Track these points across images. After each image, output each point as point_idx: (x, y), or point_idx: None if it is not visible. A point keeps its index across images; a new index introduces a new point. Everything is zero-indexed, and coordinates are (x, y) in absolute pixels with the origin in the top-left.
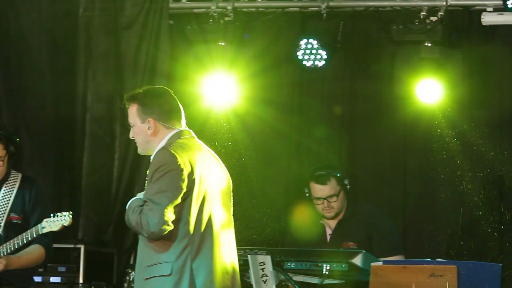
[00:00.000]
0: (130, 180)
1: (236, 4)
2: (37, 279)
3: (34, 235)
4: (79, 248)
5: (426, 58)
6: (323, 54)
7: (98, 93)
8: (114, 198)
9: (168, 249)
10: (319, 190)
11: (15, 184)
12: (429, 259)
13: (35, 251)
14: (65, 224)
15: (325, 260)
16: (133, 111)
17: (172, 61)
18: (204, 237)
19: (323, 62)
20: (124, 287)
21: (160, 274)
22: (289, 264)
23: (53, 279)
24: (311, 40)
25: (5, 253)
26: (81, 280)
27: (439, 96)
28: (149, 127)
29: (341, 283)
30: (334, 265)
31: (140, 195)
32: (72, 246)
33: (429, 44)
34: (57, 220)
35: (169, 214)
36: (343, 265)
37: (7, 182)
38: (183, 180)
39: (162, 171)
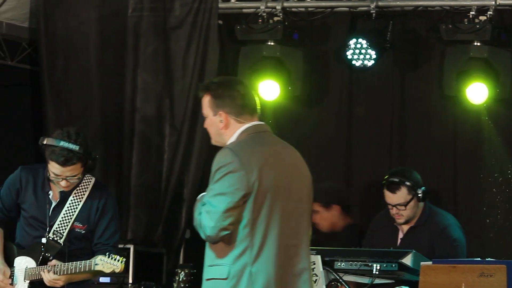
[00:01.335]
0: (179, 180)
1: (285, 4)
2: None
3: (87, 270)
4: (129, 249)
5: (475, 57)
6: (373, 53)
7: (147, 93)
8: (163, 198)
9: (226, 251)
10: (389, 197)
11: (85, 192)
12: (479, 259)
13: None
14: (116, 271)
15: (375, 260)
16: (205, 102)
17: (221, 61)
18: (265, 241)
19: (372, 61)
20: (173, 287)
21: (217, 277)
22: (339, 263)
23: (102, 279)
24: (360, 40)
25: (64, 272)
26: (130, 280)
27: (488, 96)
28: (220, 120)
29: (391, 283)
30: (384, 265)
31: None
32: (121, 246)
33: (478, 44)
34: (110, 263)
35: (227, 218)
36: (393, 265)
37: (77, 189)
38: (243, 182)
39: (223, 172)
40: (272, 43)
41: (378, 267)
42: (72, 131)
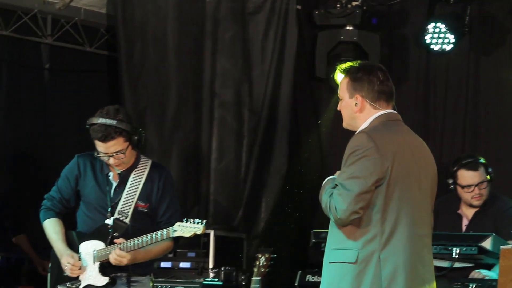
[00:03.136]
0: (258, 165)
1: None
2: (167, 264)
3: (165, 237)
4: (209, 234)
5: None
6: (451, 38)
7: (226, 79)
8: (243, 183)
9: (356, 235)
10: (471, 177)
11: (144, 172)
12: None
13: (165, 244)
14: (198, 233)
15: (455, 244)
16: (343, 84)
17: (299, 46)
18: (396, 227)
19: (451, 46)
20: (253, 272)
21: (345, 261)
22: None
23: (182, 265)
24: (439, 24)
25: (132, 248)
26: (210, 265)
27: None
28: (356, 103)
29: (470, 267)
30: (464, 249)
31: (335, 175)
32: None
33: None
34: (190, 227)
35: (359, 202)
36: (473, 249)
37: (136, 170)
38: (377, 167)
39: (358, 155)
40: (350, 28)
41: (457, 251)
42: (111, 108)
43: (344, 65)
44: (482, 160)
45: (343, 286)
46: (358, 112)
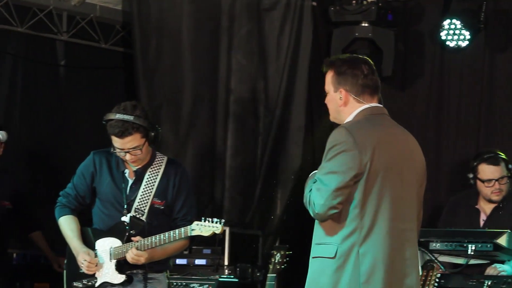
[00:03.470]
0: (273, 162)
1: None
2: (183, 261)
3: (183, 236)
4: (224, 230)
5: None
6: (467, 34)
7: (241, 75)
8: (258, 180)
9: (335, 230)
10: (492, 172)
11: (159, 169)
12: None
13: (182, 242)
14: (216, 232)
15: (471, 240)
16: (328, 78)
17: (314, 43)
18: (375, 222)
19: (467, 42)
20: (269, 268)
21: (325, 256)
22: (434, 244)
23: (198, 262)
24: (454, 21)
25: (149, 246)
26: (226, 262)
27: None
28: (340, 97)
29: (486, 263)
30: (479, 245)
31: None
32: None
33: None
34: (208, 226)
35: (337, 197)
36: (488, 245)
37: (151, 167)
38: (356, 162)
39: (336, 150)
40: (365, 24)
41: (473, 248)
42: (129, 104)
43: (330, 59)
44: (503, 156)
45: (323, 281)
46: (343, 106)
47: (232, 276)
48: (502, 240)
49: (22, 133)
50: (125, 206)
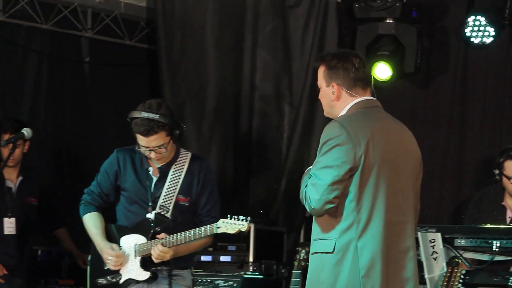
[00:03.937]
0: (297, 158)
1: None
2: (207, 258)
3: (208, 234)
4: (249, 227)
5: None
6: (491, 31)
7: (266, 72)
8: (282, 177)
9: (333, 225)
10: None
11: (183, 166)
12: None
13: (205, 239)
14: (242, 230)
15: (496, 237)
16: (320, 72)
17: (339, 39)
18: (371, 215)
19: (491, 39)
20: (294, 265)
21: (324, 251)
22: (459, 241)
23: (223, 258)
24: (479, 17)
25: (174, 244)
26: (251, 259)
27: None
28: (332, 92)
29: (511, 260)
30: (505, 242)
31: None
32: None
33: None
34: (235, 224)
35: (332, 191)
36: None
37: (176, 163)
38: (350, 156)
39: (330, 145)
40: (390, 21)
41: (498, 244)
42: (154, 102)
43: (320, 54)
44: None
45: (323, 276)
46: (335, 100)
47: (257, 273)
48: None
49: (47, 130)
50: (150, 204)
